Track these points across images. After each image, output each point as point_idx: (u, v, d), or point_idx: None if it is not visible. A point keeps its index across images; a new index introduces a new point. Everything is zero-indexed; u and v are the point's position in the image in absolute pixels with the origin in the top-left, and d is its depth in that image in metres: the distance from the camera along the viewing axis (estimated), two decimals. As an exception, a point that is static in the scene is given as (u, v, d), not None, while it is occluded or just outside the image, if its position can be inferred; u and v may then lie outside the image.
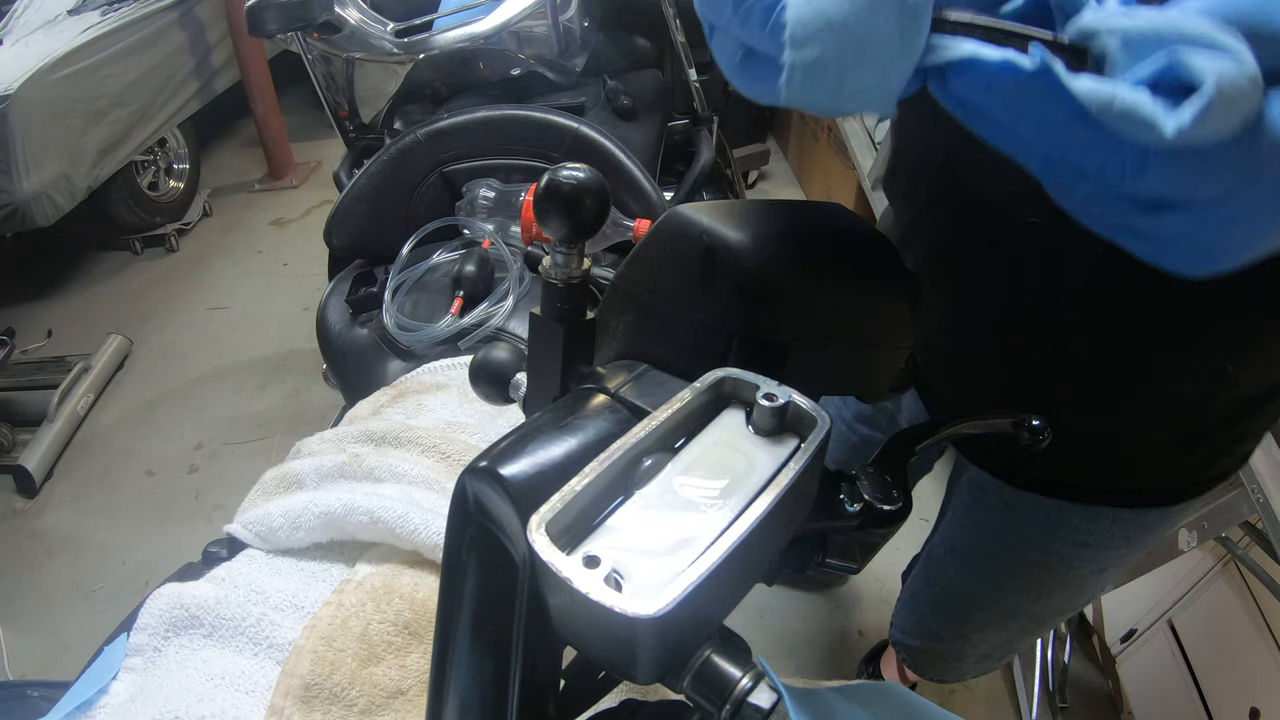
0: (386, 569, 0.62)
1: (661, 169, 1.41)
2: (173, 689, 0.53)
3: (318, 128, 3.30)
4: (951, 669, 0.99)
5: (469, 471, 0.28)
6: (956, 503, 0.80)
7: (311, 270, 2.56)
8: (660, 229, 0.34)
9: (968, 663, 0.96)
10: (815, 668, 1.43)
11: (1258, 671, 0.98)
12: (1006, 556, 0.75)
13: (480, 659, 0.31)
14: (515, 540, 0.28)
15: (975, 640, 0.90)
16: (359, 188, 1.11)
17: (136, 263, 2.74)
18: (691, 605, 0.21)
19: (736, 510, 0.24)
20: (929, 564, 0.90)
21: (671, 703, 0.40)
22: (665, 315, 0.34)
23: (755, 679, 0.24)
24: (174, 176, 2.91)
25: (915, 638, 0.97)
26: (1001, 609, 0.83)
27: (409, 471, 0.67)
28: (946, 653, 0.95)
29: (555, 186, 0.30)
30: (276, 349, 2.27)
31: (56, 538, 1.78)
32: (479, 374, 0.43)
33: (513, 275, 0.97)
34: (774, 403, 0.27)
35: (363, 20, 1.30)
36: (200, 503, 1.83)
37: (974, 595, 0.84)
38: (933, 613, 0.92)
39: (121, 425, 2.07)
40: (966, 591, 0.84)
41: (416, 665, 0.57)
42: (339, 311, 1.06)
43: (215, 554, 0.69)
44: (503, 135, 1.11)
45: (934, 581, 0.88)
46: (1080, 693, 1.33)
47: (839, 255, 0.34)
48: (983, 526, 0.76)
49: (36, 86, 2.15)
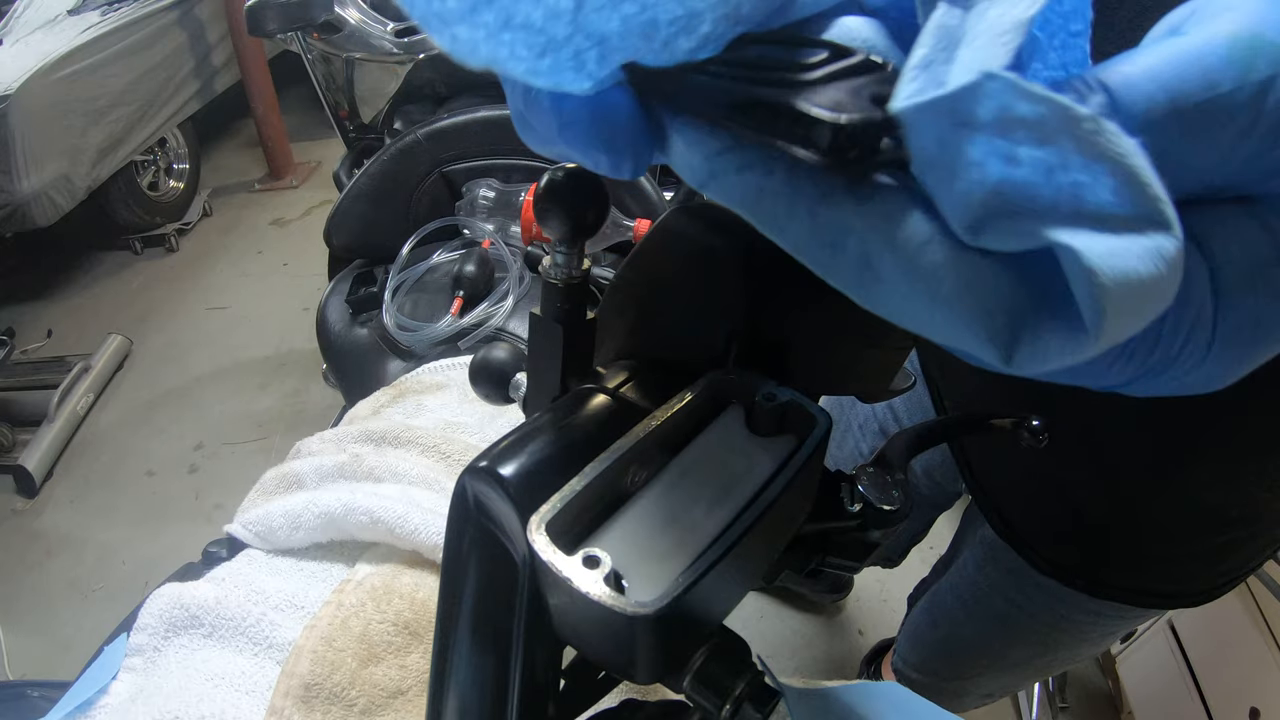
0: (386, 569, 0.62)
1: (662, 169, 1.41)
2: (173, 689, 0.53)
3: (318, 128, 3.30)
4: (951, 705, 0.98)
5: (469, 471, 0.28)
6: (969, 555, 0.77)
7: (311, 270, 2.56)
8: (660, 229, 0.34)
9: (969, 699, 0.94)
10: (815, 668, 1.43)
11: (1258, 671, 0.98)
12: (1016, 616, 0.72)
13: (480, 659, 0.31)
14: (515, 540, 0.28)
15: (977, 683, 0.88)
16: (359, 188, 1.11)
17: (136, 263, 2.74)
18: (691, 605, 0.21)
19: (736, 510, 0.24)
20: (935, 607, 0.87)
21: (671, 703, 0.40)
22: (665, 315, 0.34)
23: (755, 679, 0.24)
24: (174, 176, 2.92)
25: (918, 673, 0.95)
26: (1006, 661, 0.80)
27: (409, 471, 0.67)
28: (947, 690, 0.93)
29: (555, 186, 0.30)
30: (276, 349, 2.27)
31: (56, 538, 1.78)
32: (479, 374, 0.43)
33: (513, 275, 0.97)
34: (774, 403, 0.27)
35: (363, 20, 1.30)
36: (200, 503, 1.83)
37: (980, 647, 0.81)
38: (936, 655, 0.90)
39: (121, 425, 2.07)
40: (971, 641, 0.82)
41: (416, 665, 0.57)
42: (339, 311, 1.06)
43: (215, 554, 0.69)
44: (503, 135, 1.11)
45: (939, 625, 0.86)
46: (1080, 693, 1.33)
47: (839, 255, 0.34)
48: (994, 585, 0.73)
49: (36, 86, 2.15)
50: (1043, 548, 0.62)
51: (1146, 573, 0.58)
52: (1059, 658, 0.77)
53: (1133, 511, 0.54)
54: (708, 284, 0.32)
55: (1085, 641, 0.71)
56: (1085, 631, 0.69)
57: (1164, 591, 0.60)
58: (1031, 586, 0.68)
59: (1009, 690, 0.93)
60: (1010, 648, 0.77)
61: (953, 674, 0.90)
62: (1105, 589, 0.61)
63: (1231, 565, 0.58)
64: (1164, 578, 0.59)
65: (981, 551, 0.74)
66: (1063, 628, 0.69)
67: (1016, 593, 0.70)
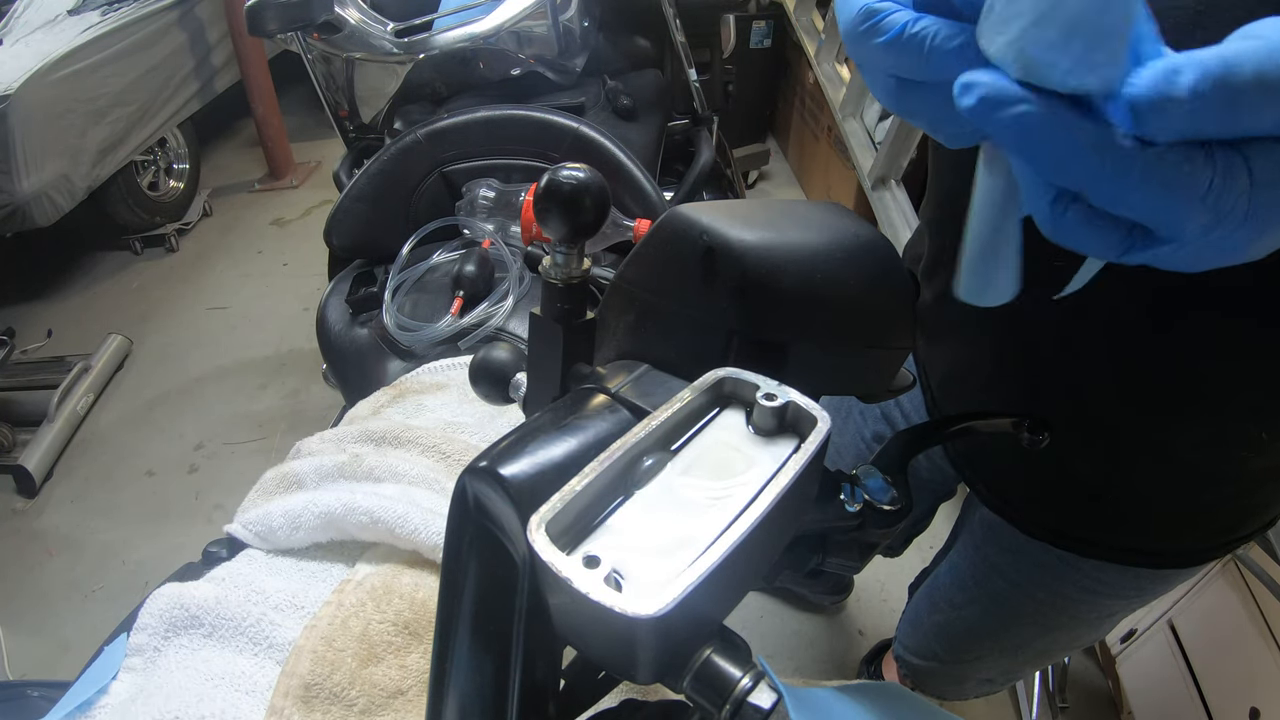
0: (386, 569, 0.62)
1: (661, 169, 1.41)
2: (173, 689, 0.53)
3: (318, 128, 3.30)
4: (951, 690, 0.98)
5: (469, 471, 0.28)
6: (967, 537, 0.79)
7: (311, 270, 2.56)
8: (660, 229, 0.34)
9: (969, 685, 0.95)
10: (815, 668, 1.43)
11: (1258, 671, 0.98)
12: (1014, 596, 0.73)
13: (480, 659, 0.31)
14: (515, 540, 0.28)
15: (978, 667, 0.89)
16: (359, 188, 1.11)
17: (136, 263, 2.74)
18: (691, 605, 0.21)
19: (736, 510, 0.24)
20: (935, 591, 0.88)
21: (671, 703, 0.40)
22: (665, 315, 0.34)
23: (755, 679, 0.24)
24: (174, 176, 2.92)
25: (918, 657, 0.96)
26: (1006, 643, 0.81)
27: (409, 471, 0.67)
28: (948, 675, 0.94)
29: (555, 186, 0.30)
30: (276, 349, 2.27)
31: (56, 538, 1.78)
32: (479, 374, 0.43)
33: (513, 275, 0.97)
34: (774, 403, 0.27)
35: (363, 20, 1.30)
36: (200, 503, 1.83)
37: (979, 628, 0.82)
38: (936, 638, 0.91)
39: (121, 425, 2.07)
40: (972, 624, 0.82)
41: (416, 665, 0.57)
42: (339, 311, 1.06)
43: (215, 554, 0.69)
44: (503, 135, 1.11)
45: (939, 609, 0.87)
46: (1080, 693, 1.33)
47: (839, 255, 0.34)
48: (991, 565, 0.74)
49: (36, 86, 2.15)
50: (1032, 512, 0.64)
51: (1135, 533, 0.60)
52: (1057, 641, 0.78)
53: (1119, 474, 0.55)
54: (707, 283, 0.32)
55: (1082, 623, 0.72)
56: (1081, 611, 0.70)
57: (1152, 550, 0.61)
58: (1028, 565, 0.69)
59: (1009, 676, 0.93)
60: (1008, 628, 0.78)
61: (953, 657, 0.90)
62: (1094, 549, 0.62)
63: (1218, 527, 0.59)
64: (1152, 538, 0.61)
65: (979, 533, 0.75)
66: (1059, 606, 0.70)
67: (1013, 571, 0.72)
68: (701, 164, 1.39)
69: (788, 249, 0.31)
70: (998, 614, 0.78)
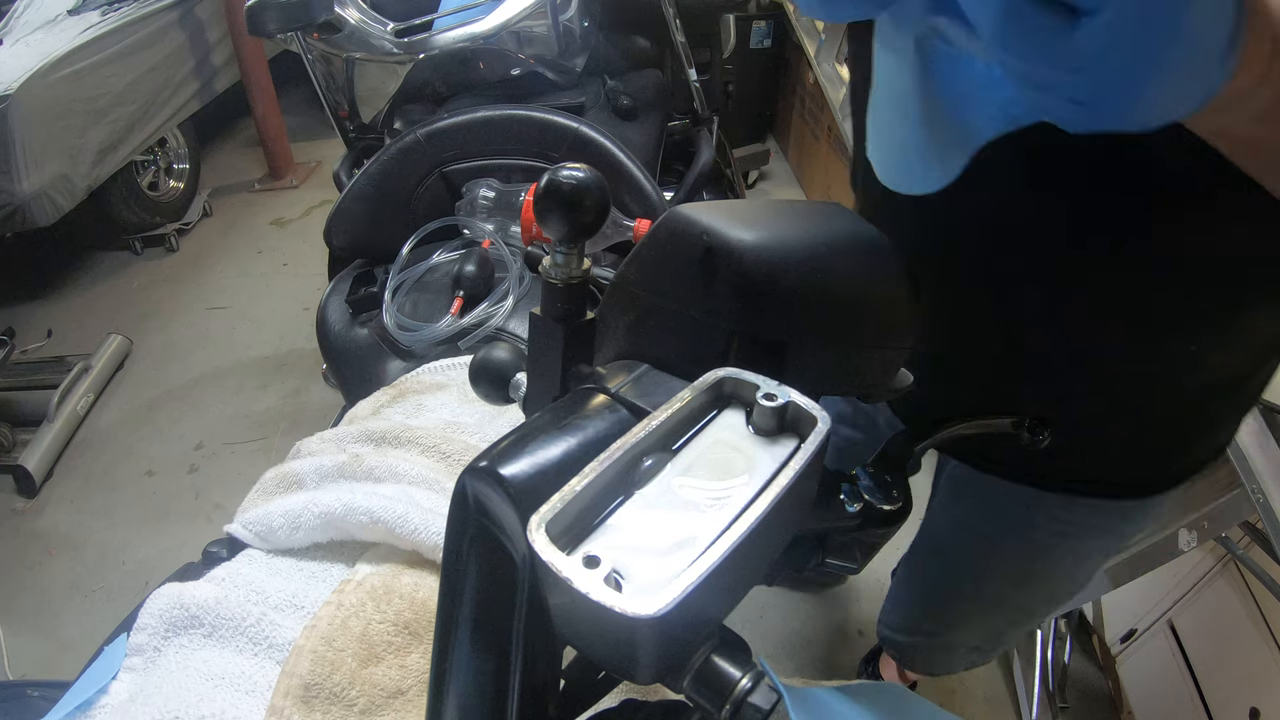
0: (386, 569, 0.62)
1: (661, 169, 1.41)
2: (173, 689, 0.53)
3: (318, 128, 3.30)
4: (939, 662, 1.00)
5: (469, 471, 0.28)
6: (936, 500, 0.81)
7: (311, 270, 2.56)
8: (660, 229, 0.34)
9: (957, 655, 0.96)
10: (815, 668, 1.43)
11: (1258, 671, 0.98)
12: (985, 548, 0.75)
13: (480, 659, 0.31)
14: (515, 540, 0.28)
15: (962, 632, 0.90)
16: (359, 188, 1.11)
17: (136, 263, 2.74)
18: (691, 605, 0.21)
19: (736, 510, 0.24)
20: (912, 561, 0.91)
21: (671, 703, 0.40)
22: (665, 315, 0.34)
23: (755, 679, 0.24)
24: (174, 176, 2.92)
25: (902, 634, 0.97)
26: (984, 600, 0.83)
27: (409, 471, 0.68)
28: (934, 646, 0.95)
29: (555, 186, 0.30)
30: (276, 349, 2.27)
31: (56, 538, 1.78)
32: (479, 374, 0.43)
33: (513, 275, 0.97)
34: (774, 403, 0.27)
35: (363, 20, 1.30)
36: (200, 503, 1.83)
37: (956, 588, 0.84)
38: (917, 607, 0.93)
39: (121, 425, 2.07)
40: (948, 585, 0.85)
41: (416, 665, 0.57)
42: (339, 311, 1.06)
43: (215, 554, 0.69)
44: (503, 135, 1.11)
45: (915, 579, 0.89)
46: (1080, 693, 1.33)
47: (839, 255, 0.34)
48: (960, 521, 0.77)
49: (36, 86, 2.15)
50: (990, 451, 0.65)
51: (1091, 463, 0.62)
52: (1035, 595, 0.79)
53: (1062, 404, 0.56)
54: (707, 283, 0.32)
55: (1056, 569, 0.74)
56: (1054, 556, 0.71)
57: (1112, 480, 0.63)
58: (994, 514, 0.71)
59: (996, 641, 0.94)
60: (984, 582, 0.80)
61: (936, 626, 0.92)
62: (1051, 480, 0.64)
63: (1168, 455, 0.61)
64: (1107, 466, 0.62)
65: (947, 492, 0.77)
66: (1030, 554, 0.72)
67: (982, 523, 0.73)
68: (701, 164, 1.39)
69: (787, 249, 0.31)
70: (970, 569, 0.79)
